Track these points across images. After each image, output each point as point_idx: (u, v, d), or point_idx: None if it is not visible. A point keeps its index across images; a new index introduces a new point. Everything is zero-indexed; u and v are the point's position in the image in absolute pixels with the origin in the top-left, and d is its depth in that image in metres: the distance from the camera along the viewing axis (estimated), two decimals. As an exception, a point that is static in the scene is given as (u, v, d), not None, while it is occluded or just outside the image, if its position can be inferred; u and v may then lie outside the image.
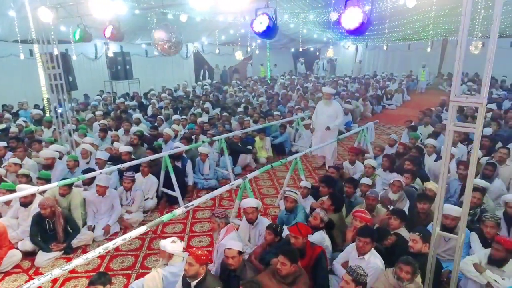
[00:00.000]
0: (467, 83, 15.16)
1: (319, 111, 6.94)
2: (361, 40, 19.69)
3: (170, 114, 9.57)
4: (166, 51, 5.39)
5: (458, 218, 3.88)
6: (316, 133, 7.01)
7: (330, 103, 6.82)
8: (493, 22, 2.28)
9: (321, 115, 6.86)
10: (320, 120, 6.86)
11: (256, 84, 15.96)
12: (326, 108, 6.80)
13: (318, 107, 7.04)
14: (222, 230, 3.75)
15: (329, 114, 6.74)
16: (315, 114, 7.05)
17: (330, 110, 6.76)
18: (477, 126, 2.49)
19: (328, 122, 6.68)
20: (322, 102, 7.03)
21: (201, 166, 6.66)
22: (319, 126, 6.87)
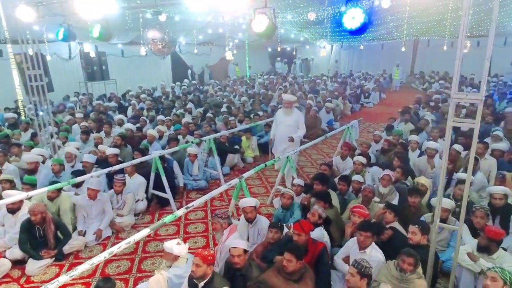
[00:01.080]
0: (439, 81, 15.78)
1: (279, 121, 6.21)
2: (337, 40, 20.04)
3: (154, 115, 9.41)
4: (159, 51, 5.32)
5: (449, 210, 4.08)
6: (276, 145, 6.33)
7: (290, 112, 6.08)
8: (491, 22, 2.40)
9: (281, 124, 6.16)
10: (280, 130, 6.15)
11: (235, 84, 15.96)
12: (286, 118, 6.09)
13: (278, 116, 6.28)
14: (225, 231, 3.75)
15: (289, 124, 6.06)
16: (275, 123, 6.35)
17: (291, 120, 6.06)
18: (476, 121, 2.62)
19: (288, 133, 6.01)
20: (281, 110, 6.25)
21: (190, 167, 6.60)
22: (280, 137, 6.19)
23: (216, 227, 3.79)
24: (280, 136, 6.19)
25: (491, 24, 2.42)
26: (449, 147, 2.93)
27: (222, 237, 3.76)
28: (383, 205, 4.55)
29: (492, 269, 2.75)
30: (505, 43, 17.92)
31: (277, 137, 6.28)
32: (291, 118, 6.07)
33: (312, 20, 13.71)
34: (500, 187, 4.30)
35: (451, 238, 4.11)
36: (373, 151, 6.89)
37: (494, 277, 2.69)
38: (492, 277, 2.70)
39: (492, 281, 2.69)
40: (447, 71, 18.85)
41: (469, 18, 2.28)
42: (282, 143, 6.15)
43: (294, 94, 11.68)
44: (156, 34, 5.27)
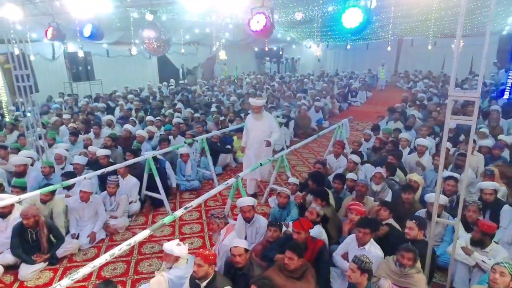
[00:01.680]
0: (423, 80, 16.10)
1: (250, 127, 5.89)
2: (323, 40, 20.19)
3: (143, 115, 9.31)
4: (154, 50, 5.25)
5: (442, 206, 4.18)
6: (249, 151, 5.96)
7: (261, 116, 5.75)
8: (488, 22, 2.47)
9: (253, 130, 5.84)
10: (253, 136, 5.84)
11: (223, 84, 15.91)
12: (257, 123, 5.77)
13: (248, 122, 5.98)
14: (222, 231, 3.75)
15: (263, 129, 5.76)
16: (246, 130, 6.04)
17: (263, 124, 5.76)
18: (474, 118, 2.69)
19: (263, 138, 5.72)
20: (251, 116, 5.91)
21: (182, 168, 6.56)
22: (253, 143, 5.87)
23: (213, 227, 3.78)
24: (253, 142, 5.86)
25: (488, 24, 2.48)
26: (438, 143, 2.98)
27: (219, 237, 3.75)
28: (377, 201, 4.66)
29: (501, 264, 2.79)
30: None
31: (250, 143, 5.94)
32: (263, 123, 5.76)
33: (299, 20, 13.80)
34: (490, 183, 4.42)
35: (445, 233, 4.21)
36: (364, 149, 6.97)
37: (503, 272, 2.74)
38: (501, 271, 2.75)
39: (501, 275, 2.74)
40: (430, 70, 19.26)
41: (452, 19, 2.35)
42: (256, 149, 5.84)
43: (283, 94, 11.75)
44: (151, 33, 5.20)
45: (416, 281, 3.12)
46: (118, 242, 4.82)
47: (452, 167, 5.66)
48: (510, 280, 2.76)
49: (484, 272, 3.47)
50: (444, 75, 17.69)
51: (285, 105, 10.58)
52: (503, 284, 2.76)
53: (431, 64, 19.61)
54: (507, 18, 14.73)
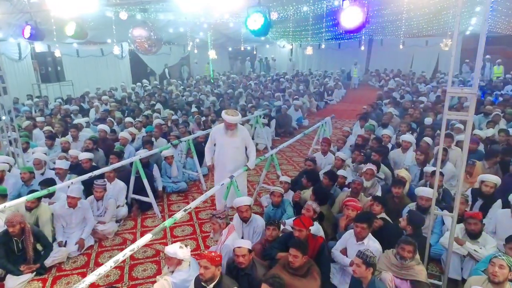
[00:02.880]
0: (395, 78, 16.63)
1: (221, 143, 5.00)
2: (297, 40, 20.42)
3: (121, 117, 9.05)
4: (145, 50, 5.11)
5: (431, 199, 4.33)
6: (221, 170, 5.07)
7: (236, 132, 4.91)
8: (483, 21, 2.59)
9: (225, 147, 4.98)
10: (225, 154, 4.99)
11: (199, 84, 15.73)
12: (231, 139, 4.92)
13: (218, 137, 5.02)
14: (224, 231, 3.71)
15: (236, 146, 4.98)
16: (211, 145, 5.15)
17: (238, 141, 4.97)
18: (470, 114, 2.82)
19: (237, 155, 5.03)
20: (222, 131, 4.96)
21: (168, 169, 6.43)
22: (225, 162, 5.01)
23: (215, 228, 3.73)
24: (226, 161, 5.00)
25: (483, 24, 2.60)
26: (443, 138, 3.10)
27: (221, 237, 3.71)
28: (368, 196, 4.77)
29: (499, 257, 2.89)
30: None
31: (220, 162, 5.06)
32: (238, 139, 4.96)
33: (274, 19, 13.88)
34: (493, 176, 4.59)
35: (435, 225, 4.36)
36: (347, 146, 7.11)
37: (502, 265, 2.85)
38: (500, 264, 2.85)
39: (500, 268, 2.85)
40: (400, 69, 19.91)
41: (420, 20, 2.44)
42: (228, 168, 4.95)
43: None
44: (142, 32, 5.05)
45: (417, 272, 3.22)
46: (108, 248, 4.70)
47: (434, 162, 5.87)
48: (509, 272, 2.87)
49: (476, 261, 3.66)
50: (413, 73, 18.36)
51: (265, 104, 10.61)
52: (503, 276, 2.86)
53: (400, 63, 20.29)
54: (471, 18, 15.46)
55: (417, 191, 4.41)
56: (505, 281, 2.91)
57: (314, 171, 5.21)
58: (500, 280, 2.89)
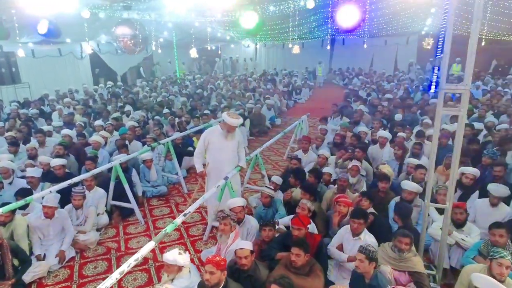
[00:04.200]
0: (359, 77, 17.18)
1: (218, 146, 4.68)
2: (261, 39, 20.51)
3: (86, 120, 8.62)
4: (130, 49, 4.84)
5: (415, 193, 4.50)
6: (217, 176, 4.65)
7: (233, 136, 4.68)
8: (476, 21, 2.71)
9: (222, 150, 4.70)
10: (221, 156, 4.70)
11: (166, 84, 15.33)
12: (228, 142, 4.68)
13: (214, 141, 4.68)
14: (231, 234, 3.62)
15: (233, 149, 4.77)
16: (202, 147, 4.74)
17: (234, 144, 4.76)
18: (463, 109, 2.95)
19: (233, 158, 4.79)
20: (219, 133, 4.66)
21: (146, 174, 6.20)
22: (222, 165, 4.70)
23: (225, 229, 3.61)
24: (222, 164, 4.71)
25: (475, 24, 2.72)
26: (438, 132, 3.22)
27: (228, 240, 3.62)
28: (355, 192, 4.88)
29: (505, 257, 2.92)
30: (407, 41, 20.19)
31: (216, 166, 4.71)
32: (235, 141, 4.75)
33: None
34: (472, 169, 4.83)
35: (419, 216, 4.54)
36: (325, 144, 7.23)
37: (508, 266, 2.89)
38: (507, 266, 2.90)
39: (507, 269, 2.90)
40: (361, 67, 20.62)
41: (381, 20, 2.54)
42: (226, 171, 4.65)
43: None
44: (126, 30, 4.78)
45: (415, 264, 3.32)
46: (91, 259, 4.46)
47: (410, 155, 6.11)
48: None
49: (463, 250, 3.84)
50: (375, 72, 19.07)
51: (237, 104, 10.55)
52: (507, 275, 2.98)
53: (361, 62, 21.01)
54: (426, 19, 16.26)
55: (403, 184, 4.55)
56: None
57: (301, 169, 5.24)
58: (504, 280, 2.98)
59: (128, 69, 18.66)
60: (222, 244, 3.60)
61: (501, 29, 13.44)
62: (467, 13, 12.90)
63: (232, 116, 4.56)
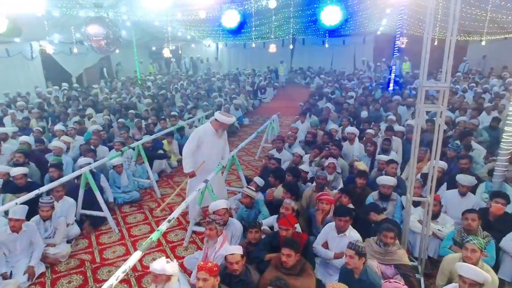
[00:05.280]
0: (320, 76, 17.57)
1: (210, 145, 4.76)
2: (223, 39, 20.37)
3: (44, 125, 8.09)
4: (102, 49, 4.54)
5: (392, 187, 4.66)
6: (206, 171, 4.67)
7: (223, 134, 4.91)
8: (454, 22, 2.84)
9: (213, 148, 4.82)
10: (214, 155, 4.85)
11: (127, 86, 14.74)
12: (219, 141, 4.84)
13: (207, 142, 4.73)
14: (219, 239, 3.52)
15: (222, 146, 4.98)
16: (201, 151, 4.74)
17: (223, 141, 4.99)
18: (444, 106, 3.08)
19: (222, 155, 5.00)
20: (213, 135, 4.74)
21: (117, 179, 5.93)
22: (213, 163, 4.82)
23: (211, 234, 3.50)
24: (213, 161, 4.84)
25: (454, 24, 2.85)
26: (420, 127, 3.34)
27: (215, 244, 3.51)
28: (334, 190, 4.96)
29: (470, 242, 3.12)
30: (364, 41, 20.95)
31: (207, 164, 4.75)
32: (224, 139, 4.99)
33: (202, 19, 13.66)
34: (442, 162, 5.05)
35: (395, 210, 4.69)
36: (297, 142, 7.29)
37: (474, 249, 3.08)
38: (472, 249, 3.09)
39: (473, 252, 3.09)
40: (321, 66, 21.11)
41: None
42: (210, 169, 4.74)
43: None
44: (98, 29, 4.49)
45: (400, 256, 3.43)
46: (64, 273, 4.18)
47: (380, 151, 6.32)
48: (480, 253, 3.17)
49: (439, 240, 4.03)
50: (334, 70, 19.60)
51: (204, 105, 10.38)
52: (476, 258, 3.12)
53: (321, 61, 21.51)
54: (381, 19, 16.95)
55: (379, 180, 4.69)
56: (477, 262, 3.20)
57: (280, 169, 5.25)
58: (474, 262, 3.16)
59: (84, 70, 17.75)
60: (210, 249, 3.50)
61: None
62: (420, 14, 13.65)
63: (226, 115, 4.76)
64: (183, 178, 6.86)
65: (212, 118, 4.84)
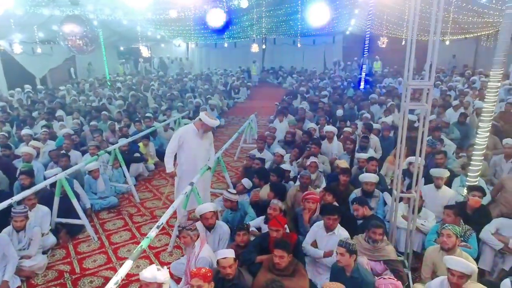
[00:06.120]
0: (293, 75, 17.73)
1: (192, 147, 4.67)
2: (194, 39, 20.10)
3: (9, 130, 7.65)
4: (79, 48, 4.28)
5: (375, 184, 4.75)
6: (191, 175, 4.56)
7: (207, 135, 4.77)
8: (437, 23, 2.92)
9: (197, 149, 4.70)
10: (197, 156, 4.73)
11: (95, 87, 14.18)
12: (203, 142, 4.73)
13: (189, 142, 4.63)
14: (196, 243, 3.43)
15: (206, 148, 4.84)
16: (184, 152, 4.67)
17: (208, 143, 4.85)
18: (428, 104, 3.16)
19: (207, 157, 4.87)
20: (196, 136, 4.64)
21: (93, 185, 5.69)
22: (197, 164, 4.73)
23: (186, 241, 3.41)
24: (197, 163, 4.73)
25: (437, 24, 2.93)
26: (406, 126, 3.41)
27: (194, 249, 3.43)
28: (317, 189, 4.99)
29: (446, 228, 3.30)
30: (333, 40, 21.34)
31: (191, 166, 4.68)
32: (208, 141, 4.84)
33: (173, 18, 13.43)
34: None
35: (378, 207, 4.79)
36: (275, 142, 7.29)
37: (449, 234, 3.25)
38: (447, 234, 3.26)
39: (448, 237, 3.25)
40: (293, 66, 21.30)
41: None
42: (197, 171, 4.66)
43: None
44: (75, 28, 4.23)
45: (389, 252, 3.50)
46: (41, 286, 3.97)
47: (358, 149, 6.44)
48: (456, 239, 3.32)
49: (423, 234, 4.15)
50: (306, 70, 19.83)
51: (179, 105, 10.18)
52: (451, 243, 3.29)
53: (292, 61, 21.72)
54: (350, 20, 17.33)
55: (362, 177, 4.77)
56: (454, 247, 3.34)
57: (264, 169, 5.22)
58: (450, 247, 3.30)
59: (48, 71, 16.97)
60: (191, 256, 3.40)
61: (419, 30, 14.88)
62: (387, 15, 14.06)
63: (211, 117, 4.69)
64: (161, 182, 6.74)
65: (197, 118, 4.77)
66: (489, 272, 3.82)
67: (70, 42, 4.60)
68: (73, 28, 4.46)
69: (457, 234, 3.29)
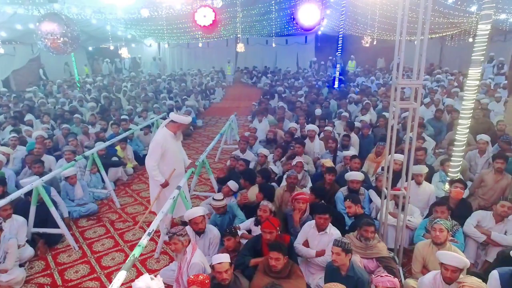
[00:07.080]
0: (267, 75, 17.76)
1: (173, 151, 4.49)
2: (165, 38, 19.69)
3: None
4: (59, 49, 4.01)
5: (361, 182, 4.80)
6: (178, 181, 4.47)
7: (180, 135, 4.62)
8: (425, 23, 2.98)
9: (176, 154, 4.60)
10: (178, 160, 4.65)
11: (64, 89, 13.56)
12: (177, 143, 4.58)
13: (170, 147, 4.42)
14: (187, 249, 3.33)
15: (180, 149, 4.75)
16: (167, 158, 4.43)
17: (180, 143, 4.73)
18: (417, 102, 3.23)
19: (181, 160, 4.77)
20: (172, 138, 4.42)
21: (70, 191, 5.42)
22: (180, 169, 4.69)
23: (177, 247, 3.29)
24: (180, 167, 4.67)
25: (425, 25, 2.99)
26: (396, 125, 3.46)
27: (185, 256, 3.32)
28: (303, 188, 5.00)
29: (437, 222, 3.38)
30: (306, 40, 21.56)
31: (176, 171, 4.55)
32: (180, 140, 4.68)
33: (145, 17, 13.12)
34: (401, 155, 5.22)
35: (363, 205, 4.84)
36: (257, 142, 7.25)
37: (441, 228, 3.34)
38: (439, 228, 3.34)
39: (440, 231, 3.34)
40: (266, 66, 21.36)
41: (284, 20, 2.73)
42: (182, 174, 4.67)
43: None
44: (54, 27, 3.97)
45: (381, 249, 3.54)
46: (20, 301, 3.71)
47: (340, 147, 6.51)
48: (447, 233, 3.41)
49: (410, 230, 4.24)
50: (279, 70, 19.94)
51: (155, 107, 9.94)
52: (443, 238, 3.38)
53: (265, 60, 21.79)
54: (322, 20, 17.54)
55: (348, 176, 4.81)
56: (445, 241, 3.44)
57: (251, 170, 5.16)
58: (442, 241, 3.41)
59: (12, 72, 16.12)
60: (182, 262, 3.29)
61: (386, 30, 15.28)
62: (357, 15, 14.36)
63: (182, 114, 4.64)
64: (141, 186, 6.56)
65: (165, 122, 4.51)
66: (473, 264, 3.95)
67: (49, 42, 4.31)
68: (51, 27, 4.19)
69: (448, 229, 3.38)
